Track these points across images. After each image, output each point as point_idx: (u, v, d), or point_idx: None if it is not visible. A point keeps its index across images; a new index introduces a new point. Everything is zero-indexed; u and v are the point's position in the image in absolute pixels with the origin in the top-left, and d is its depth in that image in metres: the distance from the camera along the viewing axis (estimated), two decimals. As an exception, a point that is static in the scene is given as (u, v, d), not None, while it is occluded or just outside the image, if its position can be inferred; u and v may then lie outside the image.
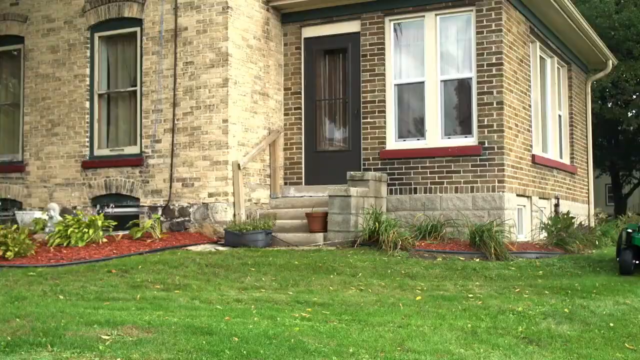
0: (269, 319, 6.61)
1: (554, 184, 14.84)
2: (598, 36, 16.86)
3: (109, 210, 12.55)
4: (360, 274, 9.28)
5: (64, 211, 12.66)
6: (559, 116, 15.99)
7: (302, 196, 13.04)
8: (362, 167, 12.75)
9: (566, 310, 7.28)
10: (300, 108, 13.47)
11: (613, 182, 33.39)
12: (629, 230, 9.53)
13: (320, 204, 12.20)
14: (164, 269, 9.35)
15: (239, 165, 12.08)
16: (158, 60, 12.67)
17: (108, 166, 13.03)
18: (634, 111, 28.75)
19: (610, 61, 17.89)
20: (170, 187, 12.41)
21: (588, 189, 18.07)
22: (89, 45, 13.41)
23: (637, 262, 9.59)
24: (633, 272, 9.46)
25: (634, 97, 28.11)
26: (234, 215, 12.01)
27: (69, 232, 10.71)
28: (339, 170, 12.68)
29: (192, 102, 12.36)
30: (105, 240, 10.99)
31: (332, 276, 9.17)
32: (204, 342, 5.46)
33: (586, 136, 18.01)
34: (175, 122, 12.46)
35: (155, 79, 12.68)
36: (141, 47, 12.89)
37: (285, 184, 13.38)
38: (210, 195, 12.12)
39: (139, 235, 11.35)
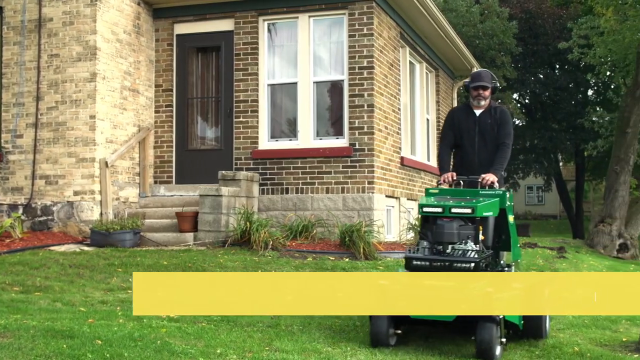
0: (135, 321, 6.43)
1: (422, 185, 15.31)
2: (464, 44, 17.56)
3: (-35, 208, 11.85)
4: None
5: None
6: (427, 120, 16.52)
7: (172, 195, 12.81)
8: (234, 166, 12.67)
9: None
10: (171, 106, 13.22)
11: (476, 184, 34.81)
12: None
13: (191, 204, 12.03)
14: (24, 270, 8.92)
15: (106, 163, 11.71)
16: (20, 52, 12.08)
17: (-36, 162, 12.31)
18: (496, 117, 30.10)
19: (475, 68, 18.66)
20: (33, 184, 11.86)
21: (453, 191, 18.73)
22: (-56, 33, 12.63)
23: (398, 331, 6.03)
24: (394, 345, 5.98)
25: (497, 103, 29.46)
26: (101, 214, 11.64)
27: None
28: (211, 169, 12.55)
29: (57, 96, 11.87)
30: (-41, 240, 10.38)
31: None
32: (64, 345, 5.23)
33: (452, 140, 18.66)
34: (39, 116, 11.93)
35: (17, 71, 12.09)
36: (1, 36, 12.25)
37: (156, 182, 13.10)
38: (76, 193, 11.68)
39: (-3, 235, 10.79)
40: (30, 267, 9.06)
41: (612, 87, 28.95)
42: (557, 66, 32.06)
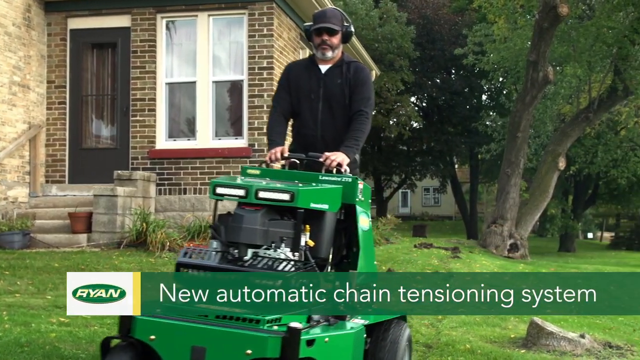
0: (23, 326, 6.19)
1: (321, 186, 15.41)
2: (363, 47, 17.80)
3: None
4: (125, 276, 8.98)
5: None
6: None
7: (65, 195, 12.40)
8: (130, 166, 12.38)
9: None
10: (64, 103, 12.79)
11: (375, 186, 35.48)
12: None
13: (86, 204, 11.67)
14: None
15: (-6, 161, 11.23)
16: None
17: None
18: (394, 119, 30.72)
19: (374, 71, 18.97)
20: None
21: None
22: None
23: None
24: None
25: (395, 106, 30.04)
26: (-12, 215, 11.15)
27: None
28: (106, 168, 12.21)
29: (-60, 90, 11.30)
30: None
31: (95, 279, 8.79)
32: (-57, 353, 4.98)
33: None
34: None
35: None
36: None
37: (47, 182, 12.64)
38: (-40, 193, 11.15)
39: None
40: None
41: (505, 92, 30.05)
42: (453, 71, 33.01)
